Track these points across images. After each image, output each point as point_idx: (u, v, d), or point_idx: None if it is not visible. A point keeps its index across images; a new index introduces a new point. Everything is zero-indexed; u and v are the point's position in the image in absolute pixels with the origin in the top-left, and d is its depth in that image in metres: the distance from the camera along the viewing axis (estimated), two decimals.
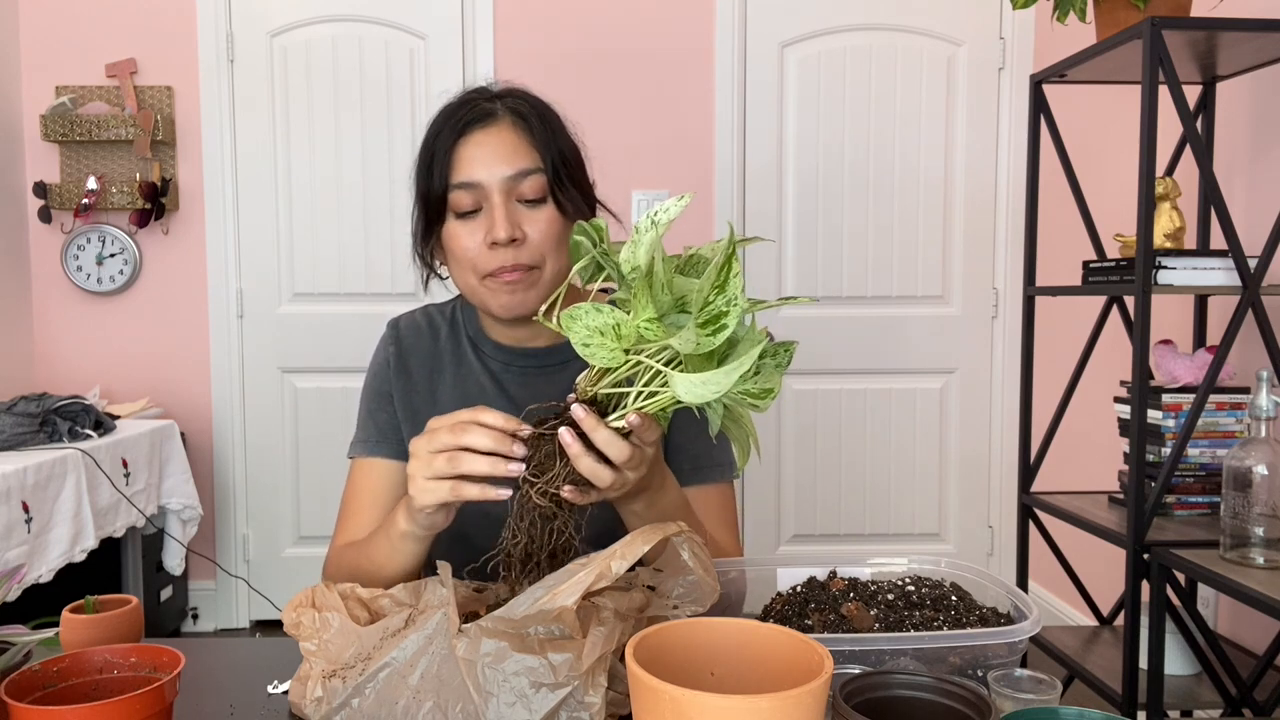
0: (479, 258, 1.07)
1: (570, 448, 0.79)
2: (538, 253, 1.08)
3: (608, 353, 0.77)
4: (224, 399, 3.25)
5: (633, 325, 0.77)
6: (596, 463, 0.80)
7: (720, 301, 0.76)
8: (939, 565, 1.02)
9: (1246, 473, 1.57)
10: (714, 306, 0.76)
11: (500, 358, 1.20)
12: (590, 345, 0.77)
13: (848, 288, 3.29)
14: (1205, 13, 2.03)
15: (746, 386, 0.79)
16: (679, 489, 1.00)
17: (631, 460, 0.81)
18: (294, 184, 3.22)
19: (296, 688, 0.86)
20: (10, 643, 0.91)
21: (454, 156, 1.07)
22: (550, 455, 0.81)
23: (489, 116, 1.08)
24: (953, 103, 3.27)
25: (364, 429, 1.21)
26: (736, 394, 0.79)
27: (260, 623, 3.33)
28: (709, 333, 0.76)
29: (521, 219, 1.07)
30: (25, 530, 2.21)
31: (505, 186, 1.06)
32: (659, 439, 0.83)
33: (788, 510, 3.37)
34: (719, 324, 0.76)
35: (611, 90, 3.20)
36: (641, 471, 0.84)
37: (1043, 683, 0.79)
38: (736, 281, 0.76)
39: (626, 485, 0.84)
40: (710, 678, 0.70)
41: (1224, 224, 1.80)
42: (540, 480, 0.81)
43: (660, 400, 0.79)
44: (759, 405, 0.80)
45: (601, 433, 0.79)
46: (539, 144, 1.08)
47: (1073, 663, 2.05)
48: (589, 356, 0.77)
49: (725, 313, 0.76)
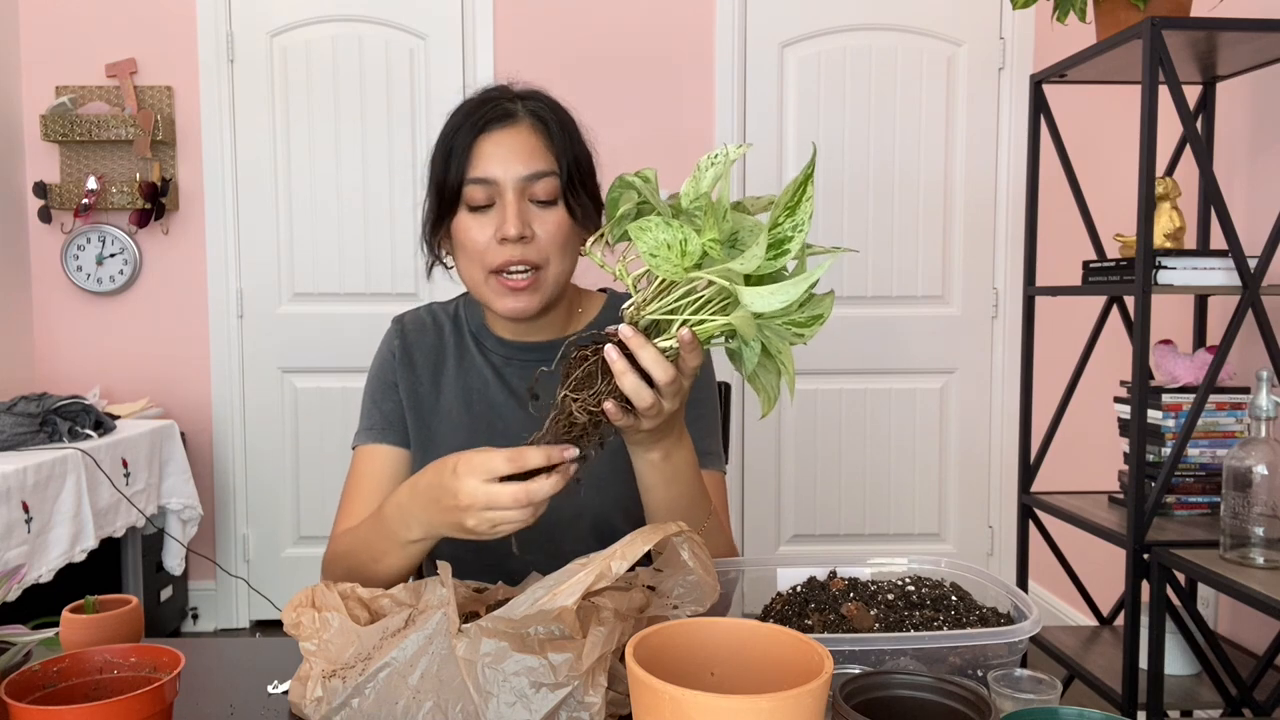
0: (487, 252, 1.09)
1: (616, 364, 0.81)
2: (544, 252, 1.10)
3: (672, 267, 0.79)
4: (224, 399, 3.25)
5: (699, 243, 0.78)
6: (640, 381, 0.81)
7: (788, 225, 0.78)
8: (939, 565, 1.02)
9: (1246, 473, 1.57)
10: (781, 229, 0.78)
11: (502, 352, 1.22)
12: (657, 256, 0.78)
13: (848, 288, 3.29)
14: (1205, 13, 2.03)
15: (795, 315, 0.80)
16: (693, 450, 1.01)
17: (673, 384, 0.82)
18: (294, 184, 3.22)
19: (296, 688, 0.86)
20: (10, 643, 0.91)
21: (472, 152, 1.09)
22: (592, 375, 0.83)
23: (509, 117, 1.11)
24: (953, 103, 3.27)
25: (369, 417, 1.23)
26: (782, 324, 0.81)
27: (260, 623, 3.33)
28: (772, 256, 0.78)
29: (532, 218, 1.09)
30: (25, 530, 2.21)
31: (519, 185, 1.09)
32: (698, 367, 0.85)
33: (788, 510, 3.37)
34: (783, 248, 0.78)
35: (611, 90, 3.20)
36: (676, 404, 0.86)
37: (1043, 683, 0.79)
38: (808, 206, 0.78)
39: (661, 415, 0.85)
40: (710, 678, 0.70)
41: (1224, 224, 1.80)
42: (582, 395, 0.82)
43: (707, 327, 0.81)
44: (804, 334, 0.82)
45: (648, 350, 0.81)
46: (556, 148, 1.10)
47: (1073, 663, 2.05)
48: (655, 267, 0.79)
49: (790, 237, 0.78)
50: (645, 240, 0.78)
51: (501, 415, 1.20)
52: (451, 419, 1.20)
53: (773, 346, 0.83)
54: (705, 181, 0.80)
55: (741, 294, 0.76)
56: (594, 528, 1.16)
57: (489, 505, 0.86)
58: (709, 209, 0.78)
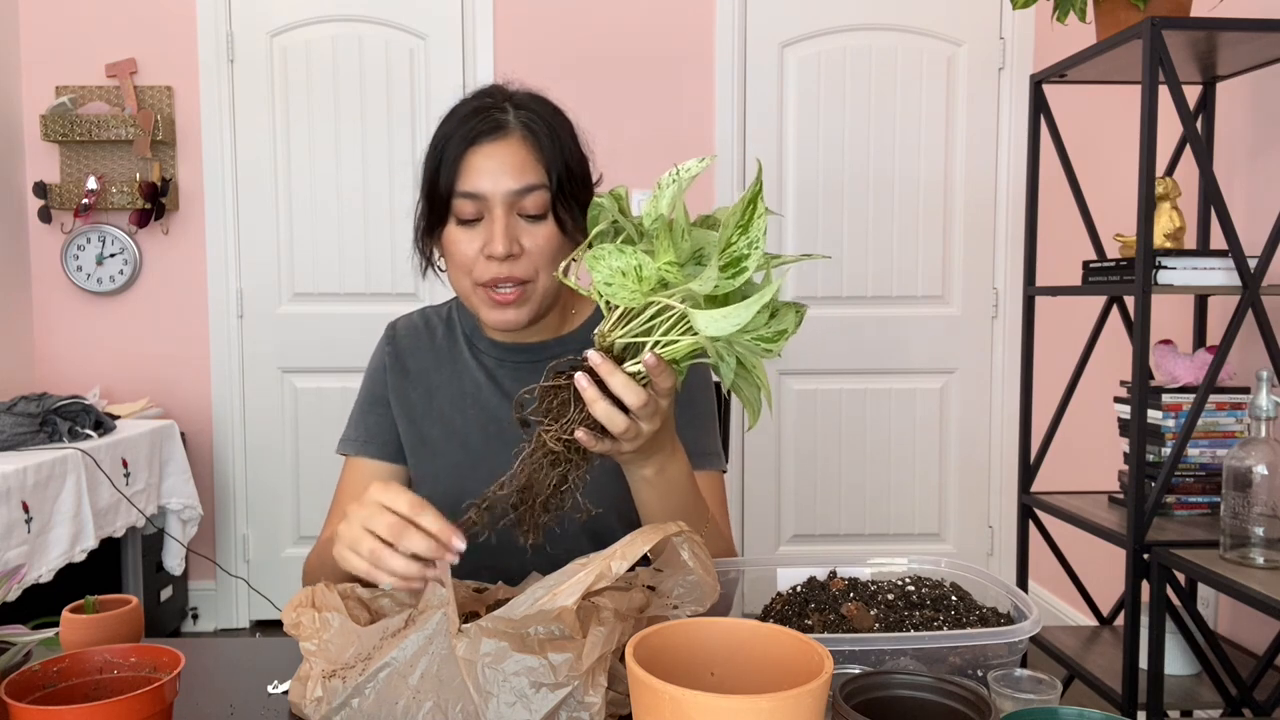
0: (475, 266, 1.09)
1: (586, 392, 0.80)
2: (532, 267, 1.09)
3: (629, 293, 0.78)
4: (224, 399, 3.25)
5: (654, 267, 0.78)
6: (612, 407, 0.81)
7: (742, 243, 0.77)
8: (939, 565, 1.02)
9: (1246, 473, 1.57)
10: (735, 248, 0.77)
11: (495, 354, 1.22)
12: (612, 285, 0.78)
13: (848, 288, 3.29)
14: (1205, 13, 2.03)
15: (760, 331, 0.80)
16: (687, 461, 1.00)
17: (646, 407, 0.82)
18: (294, 184, 3.22)
19: (296, 688, 0.86)
20: (10, 643, 0.91)
21: (461, 165, 1.08)
22: (565, 402, 0.82)
23: (500, 129, 1.08)
24: (953, 103, 3.27)
25: (355, 428, 1.26)
26: (750, 340, 0.80)
27: (260, 623, 3.33)
28: (729, 275, 0.77)
29: (520, 233, 1.08)
30: (25, 530, 2.21)
31: (508, 200, 1.07)
32: (673, 388, 0.84)
33: (788, 510, 3.37)
34: (740, 266, 0.77)
35: (611, 90, 3.20)
36: (655, 425, 0.85)
37: (1043, 683, 0.79)
38: (760, 223, 0.77)
39: (640, 437, 0.84)
40: (710, 678, 0.70)
41: (1224, 224, 1.80)
42: (555, 425, 0.82)
43: (677, 348, 0.80)
44: (772, 349, 0.81)
45: (618, 377, 0.80)
46: (545, 159, 1.09)
47: (1073, 663, 2.05)
48: (610, 296, 0.78)
49: (746, 255, 0.77)
50: (600, 269, 0.78)
51: (494, 417, 1.20)
52: (444, 423, 1.21)
53: (747, 362, 0.82)
54: (664, 202, 0.79)
55: (695, 319, 0.75)
56: (588, 528, 1.16)
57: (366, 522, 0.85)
58: (662, 231, 0.78)
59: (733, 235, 0.77)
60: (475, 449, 1.19)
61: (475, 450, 1.19)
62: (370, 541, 0.84)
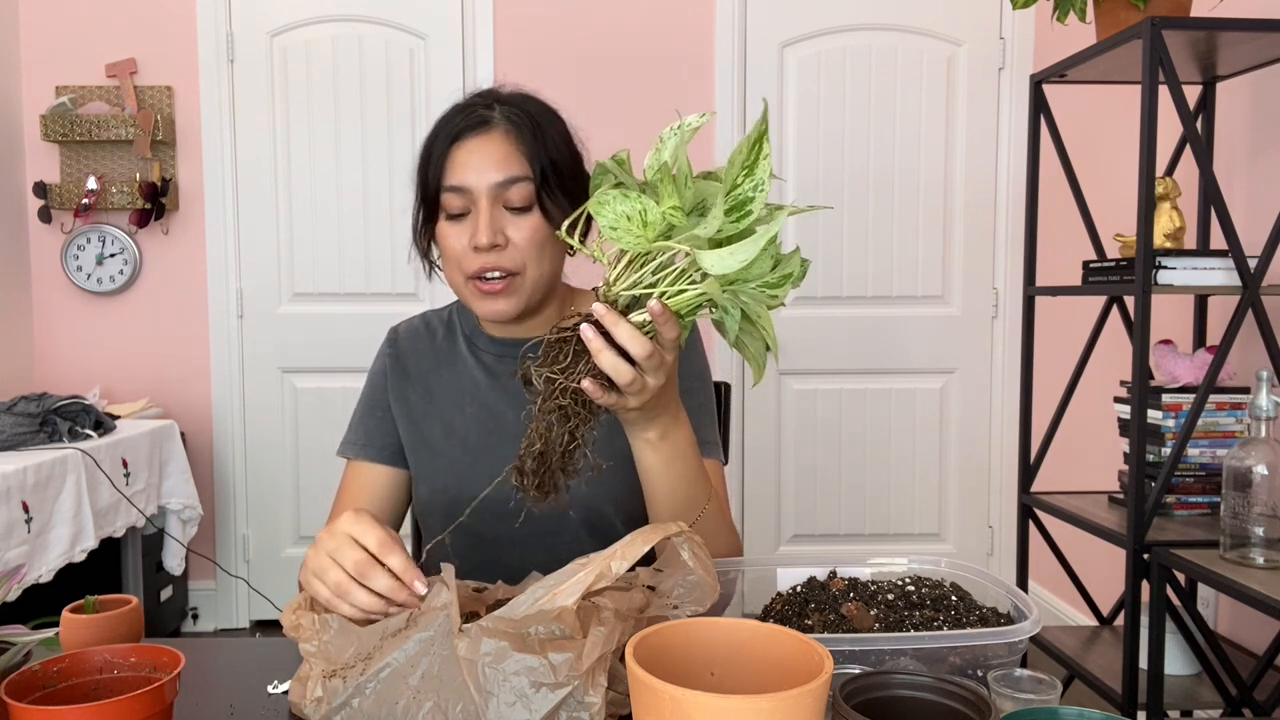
0: (464, 258, 1.11)
1: (591, 343, 0.80)
2: (519, 259, 1.11)
3: (634, 238, 0.79)
4: (224, 399, 3.25)
5: (659, 211, 0.78)
6: (617, 358, 0.81)
7: (747, 185, 0.77)
8: (939, 565, 1.02)
9: (1246, 473, 1.57)
10: (741, 190, 0.77)
11: (495, 350, 1.24)
12: (618, 229, 0.78)
13: (848, 288, 3.29)
14: (1205, 13, 2.03)
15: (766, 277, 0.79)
16: (691, 431, 1.00)
17: (651, 359, 0.82)
18: (294, 184, 3.22)
19: (296, 688, 0.86)
20: (10, 643, 0.91)
21: (447, 161, 1.11)
22: (571, 355, 0.82)
23: (484, 124, 1.12)
24: (953, 103, 3.27)
25: (355, 431, 1.27)
26: (755, 288, 0.80)
27: (260, 623, 3.33)
28: (734, 219, 0.77)
29: (506, 225, 1.10)
30: (25, 530, 2.21)
31: (493, 192, 1.10)
32: (678, 339, 0.84)
33: (788, 510, 3.37)
34: (745, 210, 0.77)
35: (611, 90, 3.20)
36: (660, 379, 0.85)
37: (1043, 683, 0.79)
38: (765, 165, 0.77)
39: (646, 391, 0.84)
40: (710, 678, 0.70)
41: (1224, 224, 1.80)
42: (561, 377, 0.82)
43: (682, 299, 0.80)
44: (777, 294, 0.81)
45: (623, 327, 0.80)
46: (529, 152, 1.11)
47: (1073, 663, 2.05)
48: (616, 240, 0.79)
49: (751, 198, 0.77)
50: (604, 214, 0.78)
51: (494, 414, 1.20)
52: (444, 421, 1.22)
53: (752, 312, 0.82)
54: (666, 152, 0.80)
55: (701, 258, 0.76)
56: (585, 520, 1.16)
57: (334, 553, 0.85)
58: (665, 178, 0.78)
59: (738, 176, 0.77)
60: (475, 447, 1.19)
61: (475, 448, 1.19)
62: (336, 573, 0.85)
